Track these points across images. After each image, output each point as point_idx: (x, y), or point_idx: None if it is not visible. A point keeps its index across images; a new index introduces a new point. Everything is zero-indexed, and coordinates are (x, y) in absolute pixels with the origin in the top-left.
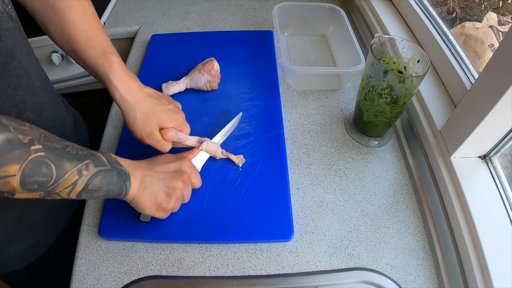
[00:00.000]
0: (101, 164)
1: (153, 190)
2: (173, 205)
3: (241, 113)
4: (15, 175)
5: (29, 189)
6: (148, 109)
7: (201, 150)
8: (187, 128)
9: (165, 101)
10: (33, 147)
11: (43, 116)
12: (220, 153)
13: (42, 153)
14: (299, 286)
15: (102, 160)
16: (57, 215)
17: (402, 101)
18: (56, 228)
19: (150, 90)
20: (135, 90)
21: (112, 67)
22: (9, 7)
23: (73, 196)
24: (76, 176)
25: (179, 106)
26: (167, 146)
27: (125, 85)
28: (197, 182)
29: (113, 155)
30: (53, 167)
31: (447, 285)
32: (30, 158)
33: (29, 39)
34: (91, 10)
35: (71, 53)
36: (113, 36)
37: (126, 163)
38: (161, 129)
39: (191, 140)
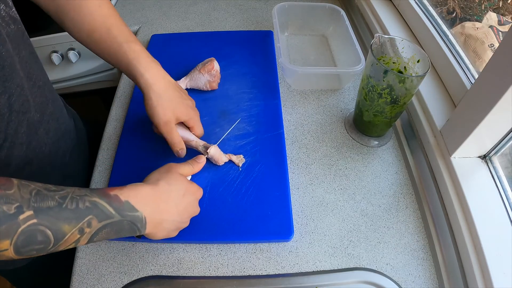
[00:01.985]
0: (106, 217)
1: (168, 228)
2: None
3: (239, 119)
4: (7, 249)
5: (27, 255)
6: (171, 98)
7: (206, 157)
8: (198, 126)
9: (185, 95)
10: (21, 216)
11: (46, 115)
12: (222, 160)
13: (34, 220)
14: (299, 286)
15: (107, 212)
16: None
17: (402, 101)
18: None
19: (172, 80)
20: (160, 77)
21: (137, 54)
22: (13, 9)
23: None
24: (77, 235)
25: (194, 103)
26: (177, 140)
27: (151, 70)
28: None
29: (124, 197)
30: (49, 232)
31: (447, 285)
32: (20, 230)
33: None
34: (107, 1)
35: (92, 45)
36: None
37: (142, 204)
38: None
39: (197, 143)
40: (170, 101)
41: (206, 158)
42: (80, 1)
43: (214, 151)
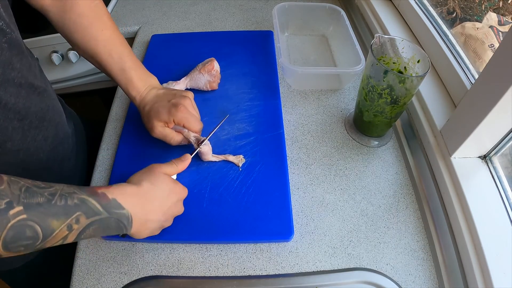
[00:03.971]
0: (94, 214)
1: (152, 227)
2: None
3: (227, 115)
4: None
5: (15, 251)
6: (150, 107)
7: (197, 150)
8: (193, 124)
9: (166, 98)
10: (11, 212)
11: (45, 121)
12: (210, 157)
13: (24, 216)
14: (299, 286)
15: (95, 209)
16: None
17: (402, 101)
18: None
19: (161, 91)
20: (148, 96)
21: (130, 83)
22: (1, 23)
23: (67, 242)
24: (66, 231)
25: (184, 101)
26: (171, 138)
27: (140, 94)
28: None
29: (111, 195)
30: (38, 228)
31: (447, 285)
32: (10, 224)
33: (29, 39)
34: (109, 24)
35: (95, 65)
36: None
37: (128, 202)
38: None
39: (188, 134)
40: (150, 110)
41: (196, 151)
42: (86, 25)
43: (203, 146)
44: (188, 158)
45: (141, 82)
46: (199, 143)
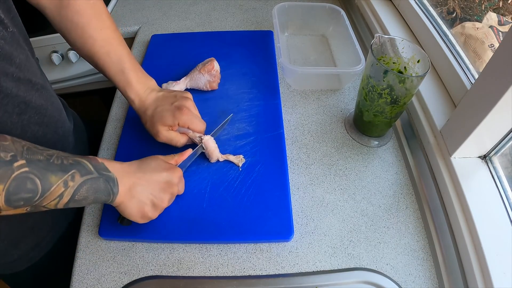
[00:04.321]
0: (87, 173)
1: (141, 199)
2: (156, 215)
3: (231, 114)
4: None
5: (14, 206)
6: (152, 111)
7: (202, 150)
8: (196, 125)
9: (168, 101)
10: (16, 164)
11: (45, 117)
12: (215, 155)
13: (26, 169)
14: (299, 286)
15: (88, 168)
16: (58, 216)
17: (402, 101)
18: (57, 229)
19: (160, 94)
20: (149, 100)
21: (128, 85)
22: (2, 16)
23: (60, 206)
24: (62, 188)
25: (186, 103)
26: (177, 141)
27: (139, 97)
28: (182, 191)
29: (101, 160)
30: (38, 181)
31: (447, 285)
32: (13, 175)
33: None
34: (108, 23)
35: (93, 65)
36: None
37: (114, 168)
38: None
39: (194, 134)
40: (153, 115)
41: (202, 152)
42: (84, 24)
43: (208, 140)
44: (187, 151)
45: (140, 85)
46: (201, 138)
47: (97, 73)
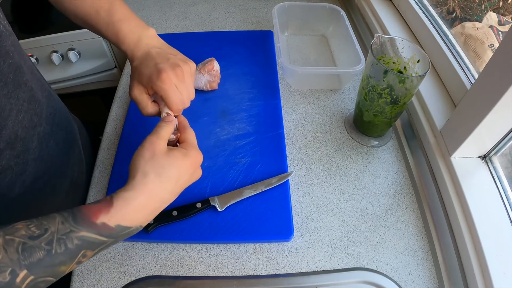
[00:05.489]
0: (99, 245)
1: (165, 206)
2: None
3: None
4: None
5: None
6: (136, 64)
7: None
8: (170, 97)
9: (156, 60)
10: (18, 279)
11: (54, 125)
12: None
13: (31, 277)
14: (299, 286)
15: (99, 241)
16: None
17: (402, 101)
18: None
19: (154, 50)
20: (140, 51)
21: (118, 38)
22: (5, 22)
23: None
24: (76, 265)
25: (176, 71)
26: (142, 108)
27: (131, 49)
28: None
29: (114, 221)
30: (50, 278)
31: (447, 285)
32: None
33: (29, 39)
34: None
35: (86, 27)
36: None
37: (134, 220)
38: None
39: (162, 109)
40: (138, 70)
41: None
42: None
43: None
44: (171, 118)
45: (131, 35)
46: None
47: (97, 73)
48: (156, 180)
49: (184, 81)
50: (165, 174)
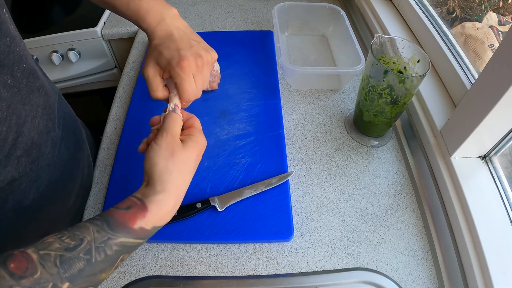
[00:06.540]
0: (135, 247)
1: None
2: None
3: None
4: None
5: None
6: (157, 43)
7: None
8: (184, 86)
9: (180, 44)
10: None
11: (65, 129)
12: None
13: None
14: (299, 286)
15: (136, 244)
16: (58, 215)
17: (402, 101)
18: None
19: (178, 32)
20: (161, 31)
21: (138, 15)
22: (14, 26)
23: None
24: (114, 270)
25: (198, 60)
26: (151, 89)
27: (151, 28)
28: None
29: (151, 224)
30: (92, 285)
31: (447, 285)
32: None
33: (29, 39)
34: None
35: (106, 6)
36: (113, 36)
37: (165, 219)
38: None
39: (171, 99)
40: (157, 49)
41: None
42: None
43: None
44: (174, 116)
45: (153, 13)
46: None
47: (97, 73)
48: (181, 177)
49: (202, 72)
50: (186, 169)
